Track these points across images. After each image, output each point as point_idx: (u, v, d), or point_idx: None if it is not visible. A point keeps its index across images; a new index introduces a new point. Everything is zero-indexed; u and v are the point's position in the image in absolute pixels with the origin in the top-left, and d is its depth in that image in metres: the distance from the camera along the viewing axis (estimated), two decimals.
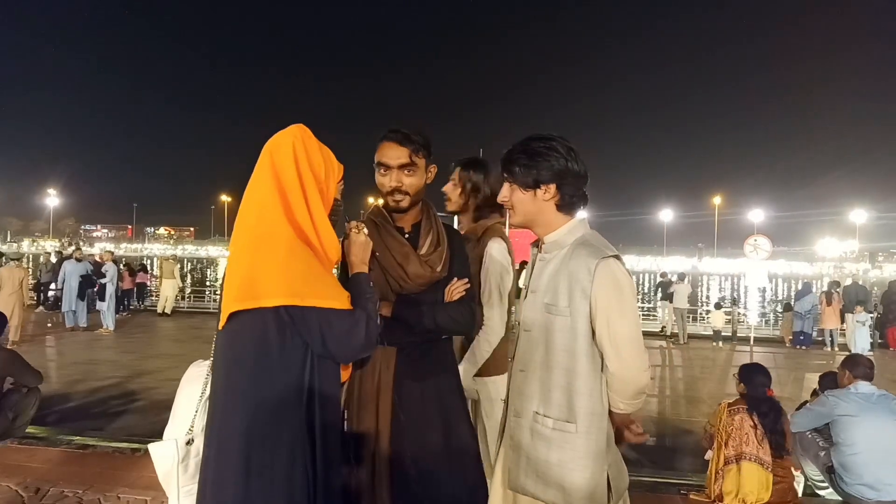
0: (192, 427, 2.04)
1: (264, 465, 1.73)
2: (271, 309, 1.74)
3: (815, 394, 5.27)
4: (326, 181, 1.96)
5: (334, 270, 2.05)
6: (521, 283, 2.41)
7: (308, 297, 1.75)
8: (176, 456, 2.00)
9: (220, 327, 1.81)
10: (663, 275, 19.99)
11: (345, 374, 2.05)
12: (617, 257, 1.98)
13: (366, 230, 2.14)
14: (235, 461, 1.73)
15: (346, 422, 2.25)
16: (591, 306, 1.94)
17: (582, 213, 2.16)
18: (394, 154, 2.29)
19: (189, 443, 2.02)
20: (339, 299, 1.82)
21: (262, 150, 1.93)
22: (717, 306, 17.76)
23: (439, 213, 2.52)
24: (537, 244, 2.21)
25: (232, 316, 1.77)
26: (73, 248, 18.65)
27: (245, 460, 1.73)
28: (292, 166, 1.88)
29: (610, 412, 2.04)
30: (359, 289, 1.95)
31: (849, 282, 18.44)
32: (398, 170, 2.29)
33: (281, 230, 1.80)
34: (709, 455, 4.36)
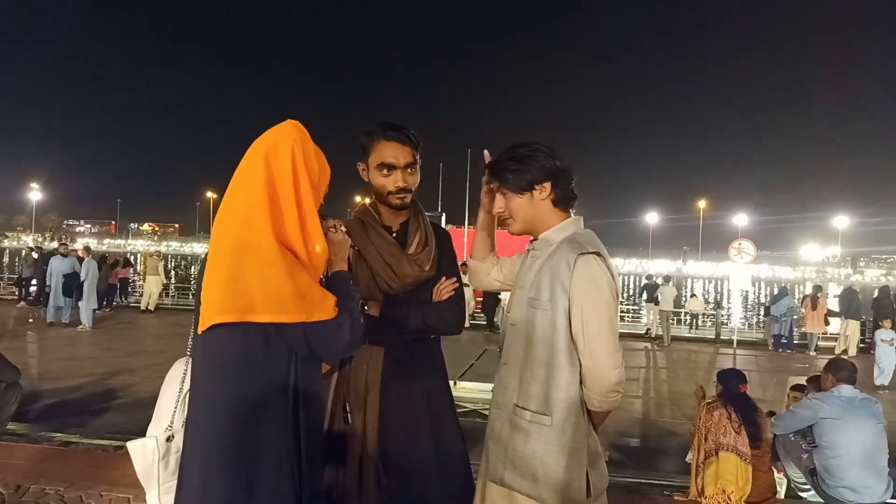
0: (172, 423, 2.02)
1: (251, 472, 1.69)
2: (256, 323, 1.68)
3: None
4: (319, 187, 1.89)
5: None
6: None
7: (295, 314, 1.69)
8: (157, 452, 1.97)
9: (198, 332, 1.74)
10: (649, 277, 20.03)
11: (325, 365, 2.03)
12: (598, 254, 2.01)
13: (343, 228, 2.08)
14: (221, 467, 1.69)
15: (333, 421, 2.23)
16: (570, 301, 1.98)
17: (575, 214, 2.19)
18: (400, 154, 2.26)
19: (169, 439, 2.00)
20: (325, 310, 1.76)
21: (255, 147, 1.82)
22: (693, 295, 20.84)
23: (428, 213, 2.52)
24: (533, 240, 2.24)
25: (214, 325, 1.69)
26: (56, 243, 18.38)
27: (232, 467, 1.68)
28: (289, 174, 1.78)
29: (588, 411, 2.06)
30: (341, 288, 1.90)
31: (833, 287, 18.59)
32: (403, 170, 2.27)
33: (266, 241, 1.71)
34: (689, 458, 4.44)
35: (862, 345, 15.98)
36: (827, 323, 15.85)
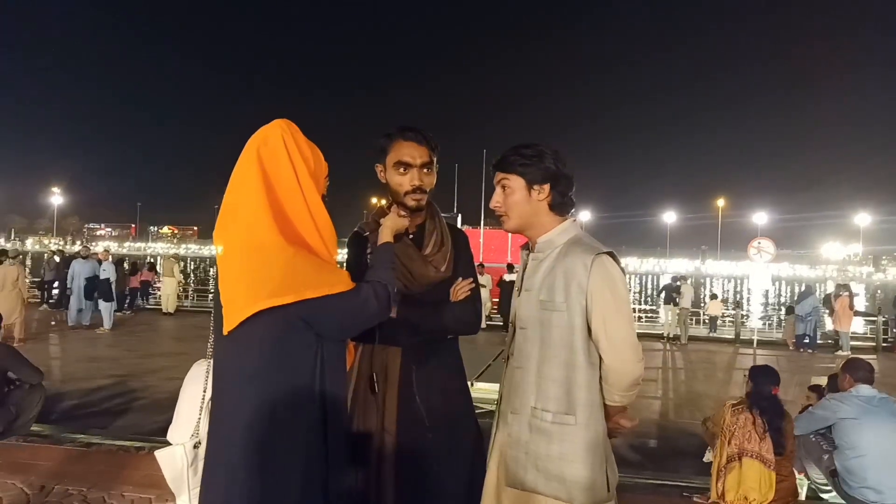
0: (198, 431, 2.03)
1: (281, 475, 1.70)
2: (281, 310, 1.68)
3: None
4: (317, 177, 1.90)
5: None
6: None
7: (320, 287, 1.72)
8: (185, 460, 1.99)
9: (224, 332, 1.74)
10: (675, 279, 18.96)
11: (349, 358, 2.04)
12: (611, 254, 2.05)
13: (402, 212, 2.25)
14: (248, 470, 1.69)
15: (351, 422, 2.25)
16: (587, 301, 2.01)
17: (583, 215, 2.22)
18: (416, 153, 2.29)
19: (196, 446, 2.02)
20: (342, 282, 1.79)
21: (247, 145, 1.85)
22: (713, 297, 20.46)
23: (444, 214, 2.53)
24: (527, 246, 2.28)
25: (241, 322, 1.70)
26: (78, 246, 18.59)
27: (259, 469, 1.69)
28: (286, 161, 1.81)
29: (604, 406, 2.08)
30: (379, 257, 1.96)
31: (854, 286, 18.32)
32: (419, 169, 2.30)
33: (273, 239, 1.73)
34: (707, 457, 4.38)
35: (885, 344, 15.78)
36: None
